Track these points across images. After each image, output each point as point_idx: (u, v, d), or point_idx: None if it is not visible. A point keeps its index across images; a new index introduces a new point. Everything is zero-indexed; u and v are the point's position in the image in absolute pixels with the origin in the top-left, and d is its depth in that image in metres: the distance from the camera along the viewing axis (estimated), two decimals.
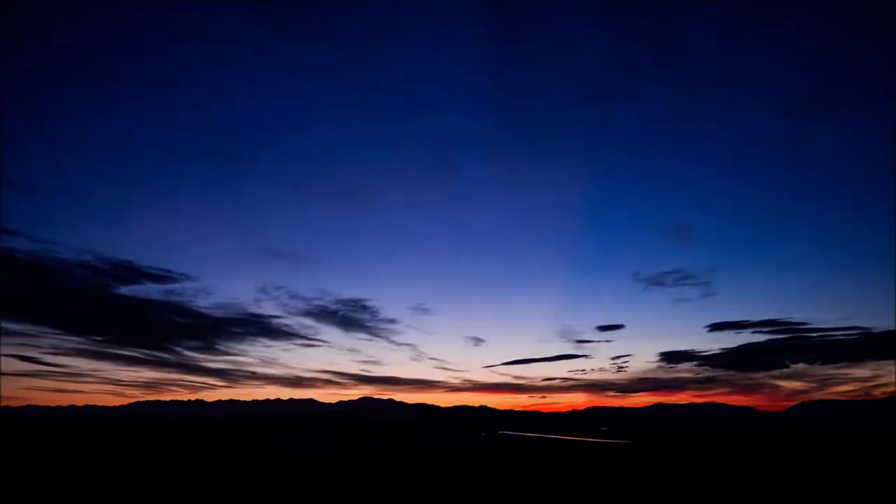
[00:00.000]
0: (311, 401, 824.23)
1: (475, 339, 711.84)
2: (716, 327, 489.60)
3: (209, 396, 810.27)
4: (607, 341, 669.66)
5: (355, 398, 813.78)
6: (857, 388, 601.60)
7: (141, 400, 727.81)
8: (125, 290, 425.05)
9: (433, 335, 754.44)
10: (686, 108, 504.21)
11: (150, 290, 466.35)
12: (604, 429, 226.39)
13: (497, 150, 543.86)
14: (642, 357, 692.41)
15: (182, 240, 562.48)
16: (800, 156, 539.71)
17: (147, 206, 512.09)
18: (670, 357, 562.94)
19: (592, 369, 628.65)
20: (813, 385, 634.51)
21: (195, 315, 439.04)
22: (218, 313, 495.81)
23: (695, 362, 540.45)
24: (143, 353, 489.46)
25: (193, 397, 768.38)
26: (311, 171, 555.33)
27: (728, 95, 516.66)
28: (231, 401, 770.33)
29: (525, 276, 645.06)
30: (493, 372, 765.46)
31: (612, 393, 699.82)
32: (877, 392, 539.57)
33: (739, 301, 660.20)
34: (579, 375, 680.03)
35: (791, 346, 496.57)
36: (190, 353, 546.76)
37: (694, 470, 51.02)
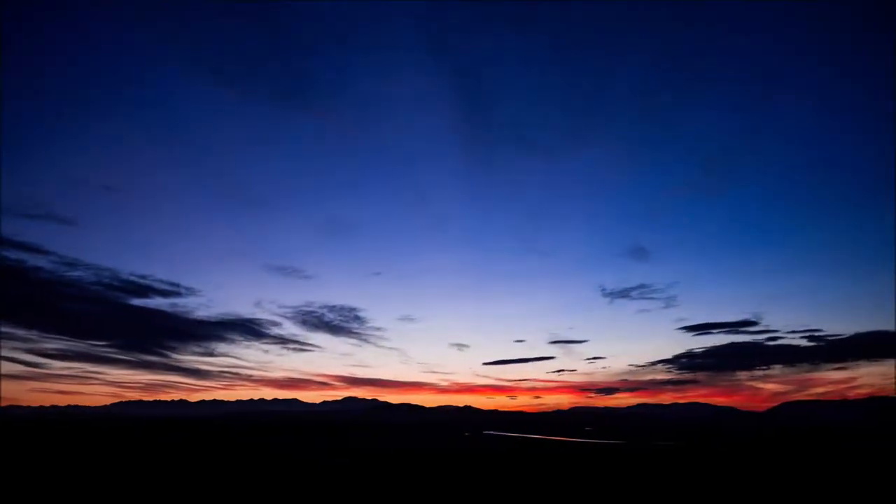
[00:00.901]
0: (295, 401, 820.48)
1: (459, 344, 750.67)
2: (685, 331, 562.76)
3: (193, 397, 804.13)
4: (581, 341, 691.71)
5: (339, 398, 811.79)
6: (832, 389, 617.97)
7: (124, 400, 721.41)
8: (136, 301, 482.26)
9: (419, 342, 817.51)
10: (625, 158, 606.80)
11: (159, 303, 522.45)
12: (588, 429, 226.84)
13: (466, 183, 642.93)
14: (620, 361, 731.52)
15: (193, 260, 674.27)
16: (723, 195, 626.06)
17: (164, 232, 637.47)
18: (645, 360, 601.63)
19: (572, 371, 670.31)
20: (791, 387, 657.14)
21: (193, 322, 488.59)
22: (216, 321, 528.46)
23: (666, 365, 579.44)
24: (139, 356, 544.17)
25: (177, 397, 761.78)
26: (308, 203, 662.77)
27: (656, 144, 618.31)
28: (214, 401, 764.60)
29: (495, 292, 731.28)
30: (477, 375, 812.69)
31: (595, 394, 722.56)
32: (851, 394, 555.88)
33: (700, 310, 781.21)
34: (562, 377, 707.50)
35: (754, 350, 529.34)
36: (186, 357, 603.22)
37: (695, 470, 50.63)
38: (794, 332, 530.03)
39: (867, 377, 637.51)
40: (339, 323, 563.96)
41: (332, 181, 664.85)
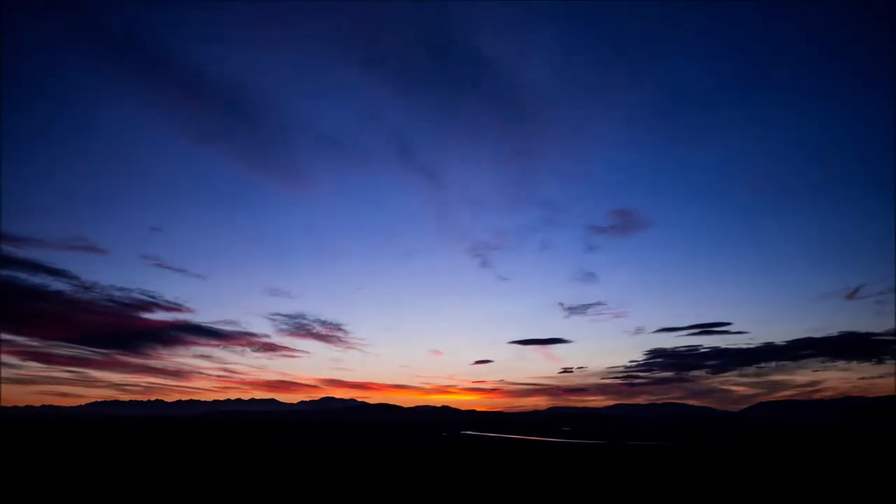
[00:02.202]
0: (273, 401, 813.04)
1: (434, 350, 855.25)
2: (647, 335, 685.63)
3: (170, 397, 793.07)
4: (554, 341, 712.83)
5: (317, 398, 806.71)
6: (798, 392, 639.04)
7: (99, 400, 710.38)
8: (144, 315, 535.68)
9: (396, 347, 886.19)
10: (554, 214, 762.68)
11: (162, 316, 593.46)
12: (566, 429, 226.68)
13: (428, 227, 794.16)
14: (593, 364, 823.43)
15: (206, 287, 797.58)
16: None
17: (185, 264, 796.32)
18: (615, 364, 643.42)
19: (547, 373, 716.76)
20: (761, 390, 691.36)
21: (197, 329, 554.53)
22: (217, 330, 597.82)
23: (635, 369, 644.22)
24: (115, 357, 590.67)
25: (153, 398, 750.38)
26: (301, 238, 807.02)
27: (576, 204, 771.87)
28: (191, 401, 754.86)
29: (462, 307, 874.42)
30: (453, 377, 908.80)
31: (571, 395, 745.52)
32: (817, 395, 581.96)
33: (652, 319, 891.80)
34: (538, 379, 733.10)
35: (715, 353, 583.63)
36: (168, 360, 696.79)
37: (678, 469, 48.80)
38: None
39: (831, 381, 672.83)
40: (324, 332, 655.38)
41: (322, 225, 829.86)
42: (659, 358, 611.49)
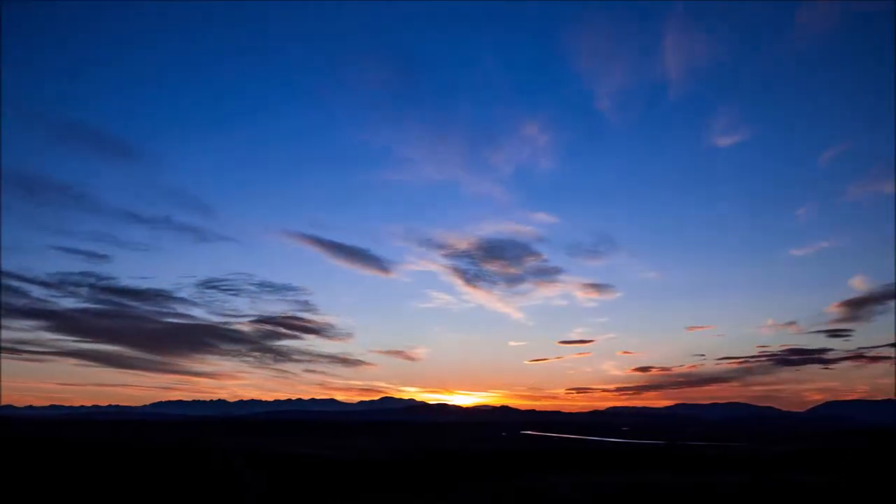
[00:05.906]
0: (332, 400, 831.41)
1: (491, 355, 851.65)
2: None
3: (233, 398, 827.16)
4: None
5: (377, 398, 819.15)
6: (866, 393, 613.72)
7: (163, 401, 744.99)
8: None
9: (456, 358, 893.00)
10: None
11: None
12: (625, 429, 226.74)
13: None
14: (651, 362, 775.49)
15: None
16: None
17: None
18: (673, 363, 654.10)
19: (607, 371, 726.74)
20: (827, 392, 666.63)
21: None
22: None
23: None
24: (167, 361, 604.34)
25: (216, 397, 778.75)
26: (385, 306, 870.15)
27: None
28: (252, 400, 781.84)
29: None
30: (512, 376, 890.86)
31: (631, 394, 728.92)
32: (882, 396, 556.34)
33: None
34: (598, 378, 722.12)
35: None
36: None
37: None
38: None
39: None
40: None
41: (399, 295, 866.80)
42: (717, 357, 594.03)
